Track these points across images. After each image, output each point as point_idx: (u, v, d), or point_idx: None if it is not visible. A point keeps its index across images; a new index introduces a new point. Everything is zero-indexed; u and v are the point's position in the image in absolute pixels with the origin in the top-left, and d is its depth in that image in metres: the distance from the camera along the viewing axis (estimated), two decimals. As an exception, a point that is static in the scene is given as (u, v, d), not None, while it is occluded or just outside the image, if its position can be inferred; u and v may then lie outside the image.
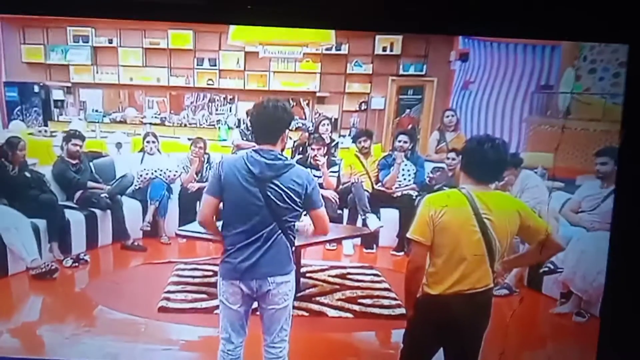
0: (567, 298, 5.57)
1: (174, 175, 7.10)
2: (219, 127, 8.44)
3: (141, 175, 7.02)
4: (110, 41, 8.33)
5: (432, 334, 3.66)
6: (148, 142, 7.23)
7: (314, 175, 6.55)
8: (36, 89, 8.12)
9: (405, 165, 7.06)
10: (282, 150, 3.80)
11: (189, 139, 7.54)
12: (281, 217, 3.64)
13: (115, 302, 5.67)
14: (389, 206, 6.99)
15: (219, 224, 3.77)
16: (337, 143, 7.73)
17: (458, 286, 3.46)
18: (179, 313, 5.51)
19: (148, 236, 6.98)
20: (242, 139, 7.38)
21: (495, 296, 3.66)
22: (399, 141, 7.10)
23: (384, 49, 8.37)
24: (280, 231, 3.66)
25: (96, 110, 8.38)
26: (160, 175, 7.03)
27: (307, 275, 6.27)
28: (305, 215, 5.88)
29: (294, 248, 3.81)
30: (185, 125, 8.59)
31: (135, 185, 7.03)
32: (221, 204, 3.72)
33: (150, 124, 8.35)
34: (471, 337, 3.64)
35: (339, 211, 6.94)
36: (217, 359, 3.96)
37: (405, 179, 7.07)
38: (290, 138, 7.72)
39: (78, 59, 8.22)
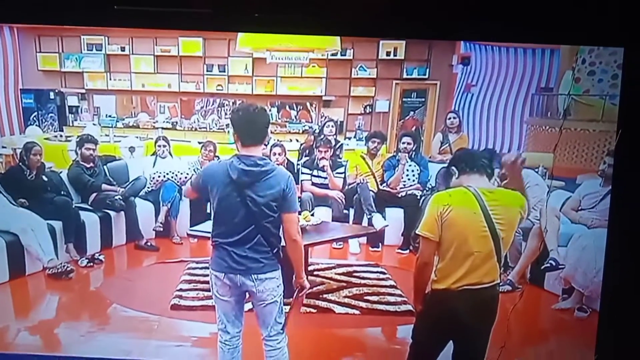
0: (569, 294, 5.64)
1: (185, 177, 7.13)
2: (229, 131, 8.39)
3: (153, 178, 7.10)
4: (123, 49, 8.41)
5: (440, 329, 3.79)
6: (160, 145, 7.34)
7: (320, 176, 6.72)
8: (52, 95, 8.22)
9: (410, 166, 7.12)
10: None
11: (200, 143, 7.64)
12: (259, 221, 3.78)
13: (129, 300, 5.78)
14: (393, 206, 7.04)
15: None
16: (342, 145, 7.79)
17: (465, 280, 3.58)
18: (191, 310, 5.60)
19: (160, 236, 7.05)
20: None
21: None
22: (403, 143, 7.16)
23: (388, 54, 8.39)
24: (259, 233, 3.80)
25: (110, 116, 8.43)
26: (172, 177, 7.10)
27: (315, 273, 6.35)
28: (312, 215, 6.05)
29: (276, 250, 3.90)
30: (196, 130, 8.66)
31: (148, 188, 7.10)
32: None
33: (162, 128, 8.42)
34: (479, 331, 3.75)
35: (345, 211, 7.02)
36: (217, 350, 4.12)
37: (409, 179, 7.13)
38: (297, 140, 7.85)
39: (92, 67, 8.28)
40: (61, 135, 8.04)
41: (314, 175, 7.07)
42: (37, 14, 4.52)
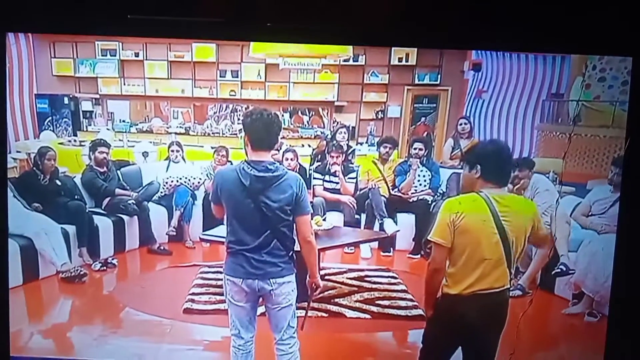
0: (579, 299, 5.64)
1: (198, 182, 7.21)
2: (241, 136, 8.37)
3: (167, 183, 7.13)
4: (137, 54, 8.41)
5: (450, 334, 3.80)
6: (173, 150, 7.36)
7: (332, 182, 6.75)
8: (66, 100, 8.19)
9: (421, 171, 7.15)
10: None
11: (212, 148, 7.63)
12: (275, 225, 3.82)
13: (142, 304, 5.82)
14: (405, 211, 7.06)
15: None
16: (354, 150, 7.81)
17: (477, 286, 3.60)
18: (203, 314, 5.64)
19: (173, 240, 7.06)
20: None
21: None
22: (415, 148, 7.21)
23: (400, 60, 8.35)
24: (275, 238, 3.84)
25: (123, 121, 8.41)
26: (185, 182, 7.14)
27: (326, 277, 6.32)
28: (324, 220, 6.09)
29: (291, 253, 3.95)
30: (209, 135, 8.63)
31: (161, 192, 7.13)
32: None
33: (175, 133, 8.40)
34: (488, 337, 3.76)
35: (357, 216, 7.04)
36: (230, 355, 4.15)
37: (420, 185, 7.16)
38: (309, 146, 7.88)
39: (106, 72, 8.27)
40: (75, 140, 8.07)
41: (326, 181, 7.10)
42: (52, 23, 4.55)
